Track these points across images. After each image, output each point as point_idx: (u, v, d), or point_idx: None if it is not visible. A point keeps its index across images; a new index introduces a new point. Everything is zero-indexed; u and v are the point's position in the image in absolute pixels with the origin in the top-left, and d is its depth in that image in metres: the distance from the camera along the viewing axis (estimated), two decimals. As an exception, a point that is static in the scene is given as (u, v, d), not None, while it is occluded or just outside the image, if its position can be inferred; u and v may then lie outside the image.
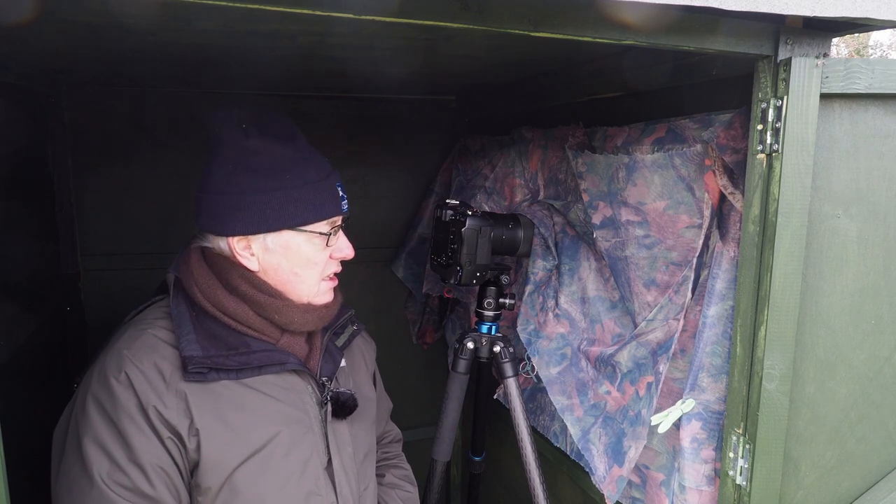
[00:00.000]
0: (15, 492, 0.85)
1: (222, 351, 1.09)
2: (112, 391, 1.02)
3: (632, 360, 1.43)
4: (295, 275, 1.16)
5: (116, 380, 1.02)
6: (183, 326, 1.09)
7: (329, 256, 1.20)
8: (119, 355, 1.05)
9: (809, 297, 1.11)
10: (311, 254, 1.16)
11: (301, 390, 1.17)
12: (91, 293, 2.11)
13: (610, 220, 1.46)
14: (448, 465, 1.92)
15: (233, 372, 1.09)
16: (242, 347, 1.12)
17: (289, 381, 1.15)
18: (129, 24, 1.17)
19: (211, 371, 1.07)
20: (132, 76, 1.92)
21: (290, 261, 1.15)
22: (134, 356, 1.05)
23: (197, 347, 1.07)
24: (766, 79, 1.04)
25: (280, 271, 1.15)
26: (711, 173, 1.20)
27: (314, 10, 0.80)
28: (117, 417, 1.01)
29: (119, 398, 1.02)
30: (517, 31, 0.89)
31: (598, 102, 1.62)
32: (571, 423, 1.57)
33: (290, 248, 1.14)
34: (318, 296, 1.20)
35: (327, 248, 1.18)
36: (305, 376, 1.18)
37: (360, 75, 1.83)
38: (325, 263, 1.20)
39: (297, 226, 1.13)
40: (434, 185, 2.45)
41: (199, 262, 1.15)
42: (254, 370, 1.11)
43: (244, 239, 1.13)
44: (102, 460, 1.00)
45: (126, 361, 1.04)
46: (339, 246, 1.21)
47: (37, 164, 1.84)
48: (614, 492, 1.42)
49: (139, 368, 1.04)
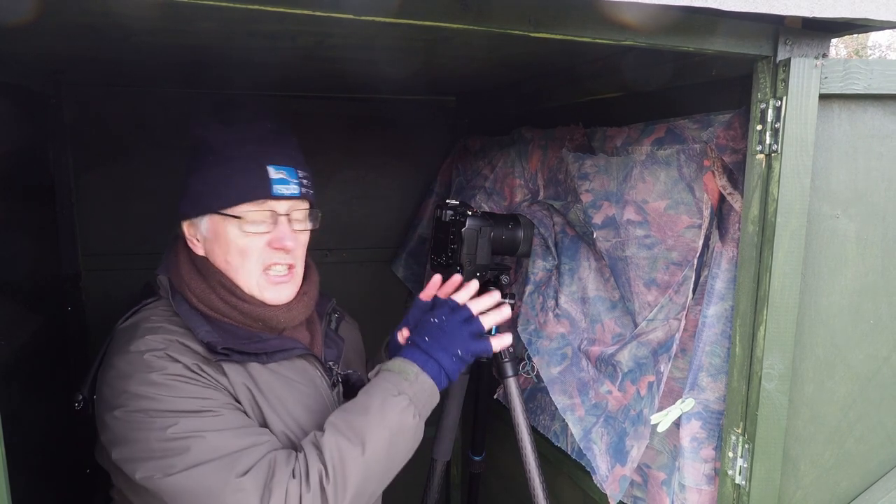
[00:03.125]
0: (15, 492, 0.85)
1: (238, 341, 1.11)
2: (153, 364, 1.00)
3: (632, 359, 1.43)
4: (227, 263, 1.12)
5: (159, 358, 1.01)
6: (194, 320, 1.09)
7: (267, 245, 1.13)
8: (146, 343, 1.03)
9: (808, 297, 1.11)
10: (238, 241, 1.10)
11: (312, 374, 1.20)
12: (91, 293, 2.11)
13: (611, 220, 1.46)
14: (448, 464, 1.93)
15: (253, 356, 1.10)
16: (254, 338, 1.13)
17: (299, 366, 1.18)
18: (129, 25, 1.17)
19: (235, 353, 1.08)
20: (132, 76, 1.92)
21: (221, 248, 1.12)
22: (163, 339, 1.04)
23: (215, 335, 1.08)
24: (765, 79, 1.05)
25: (217, 259, 1.13)
26: (711, 174, 1.21)
27: (314, 10, 0.80)
28: (171, 381, 0.99)
29: (172, 367, 1.00)
30: (517, 31, 0.89)
31: (598, 103, 1.62)
32: (573, 423, 1.57)
33: (219, 234, 1.11)
34: (262, 291, 1.14)
35: (254, 235, 1.11)
36: (313, 361, 1.21)
37: (359, 76, 1.84)
38: (261, 253, 1.12)
39: (219, 209, 1.10)
40: (434, 186, 2.45)
41: (187, 262, 1.15)
42: (270, 355, 1.13)
43: (191, 224, 1.14)
44: (191, 420, 0.97)
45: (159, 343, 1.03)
46: (274, 234, 1.12)
47: (37, 164, 1.84)
48: (617, 491, 1.43)
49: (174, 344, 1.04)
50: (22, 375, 1.50)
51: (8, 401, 1.27)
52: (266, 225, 1.12)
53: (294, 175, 1.14)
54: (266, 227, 1.12)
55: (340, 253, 2.42)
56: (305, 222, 1.18)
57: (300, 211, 1.17)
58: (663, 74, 1.32)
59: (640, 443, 1.38)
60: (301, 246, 1.18)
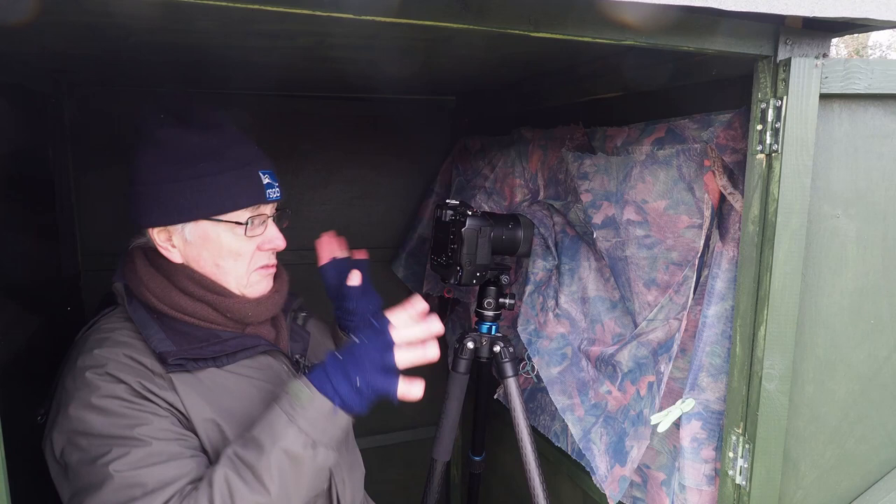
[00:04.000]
0: (15, 492, 0.85)
1: (194, 344, 1.10)
2: (96, 386, 1.00)
3: (632, 359, 1.43)
4: (217, 266, 1.13)
5: (100, 377, 1.00)
6: (148, 328, 1.08)
7: (257, 247, 1.16)
8: (92, 356, 1.03)
9: (809, 297, 1.11)
10: (233, 245, 1.12)
11: (277, 370, 1.20)
12: (91, 293, 2.10)
13: (611, 220, 1.46)
14: (448, 464, 1.93)
15: (210, 360, 1.10)
16: (213, 339, 1.13)
17: (263, 362, 1.18)
18: (129, 24, 1.17)
19: (189, 361, 1.07)
20: (132, 76, 1.92)
21: (210, 252, 1.12)
22: (108, 353, 1.03)
23: (169, 343, 1.06)
24: (765, 79, 1.04)
25: (203, 263, 1.13)
26: (711, 174, 1.20)
27: (314, 10, 0.80)
28: (111, 406, 0.99)
29: (107, 388, 1.00)
30: (517, 31, 0.89)
31: (598, 102, 1.62)
32: (572, 423, 1.57)
33: (209, 240, 1.12)
34: (249, 287, 1.16)
35: (251, 238, 1.14)
36: (278, 356, 1.21)
37: (359, 75, 1.84)
38: (253, 255, 1.15)
39: (213, 215, 1.10)
40: (434, 186, 2.45)
41: (144, 266, 1.15)
42: (229, 356, 1.12)
43: (164, 230, 1.12)
44: (112, 449, 0.97)
45: (102, 359, 1.02)
46: (267, 236, 1.16)
47: (37, 164, 1.84)
48: (616, 491, 1.43)
49: (118, 361, 1.02)
50: (21, 375, 1.50)
51: (7, 401, 1.27)
52: (261, 228, 1.15)
53: (275, 178, 1.17)
54: (261, 230, 1.16)
55: (340, 253, 2.43)
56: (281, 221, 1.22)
57: (277, 211, 1.21)
58: (663, 74, 1.32)
59: (641, 443, 1.38)
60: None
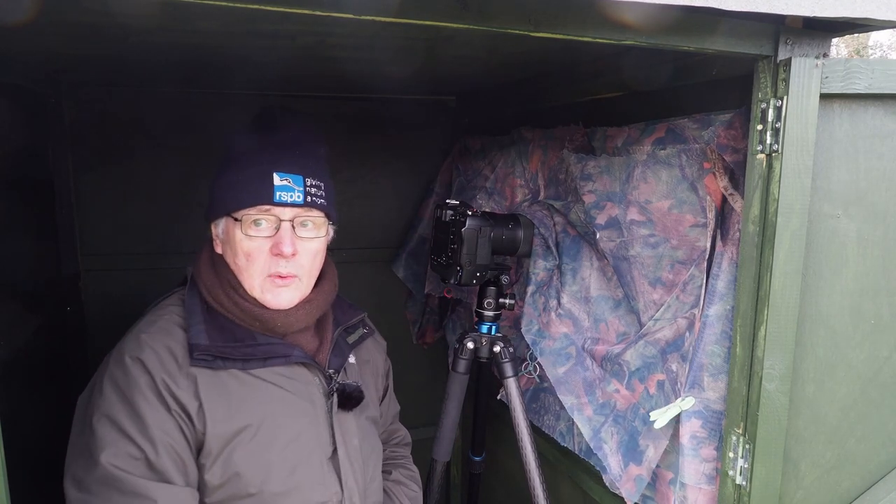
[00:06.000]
0: (15, 492, 0.85)
1: (229, 342, 1.14)
2: (127, 371, 1.08)
3: (640, 358, 1.42)
4: (236, 265, 1.18)
5: (132, 360, 1.09)
6: (193, 316, 1.16)
7: (270, 252, 1.15)
8: (137, 338, 1.12)
9: (809, 297, 1.11)
10: (243, 243, 1.14)
11: (308, 381, 1.20)
12: (91, 293, 2.11)
13: (615, 221, 1.46)
14: (448, 465, 1.92)
15: (238, 362, 1.14)
16: (249, 340, 1.16)
17: (296, 372, 1.19)
18: (129, 24, 1.17)
19: (216, 359, 1.12)
20: (132, 76, 1.92)
21: (232, 249, 1.17)
22: (150, 339, 1.11)
23: (204, 336, 1.13)
24: (765, 79, 1.04)
25: (229, 259, 1.19)
26: (712, 175, 1.20)
27: (314, 10, 0.80)
28: (130, 394, 1.06)
29: (133, 377, 1.07)
30: (517, 31, 0.89)
31: (598, 102, 1.62)
32: (582, 423, 1.56)
33: (230, 237, 1.18)
34: (262, 293, 1.16)
35: (252, 238, 1.14)
36: (313, 368, 1.21)
37: (360, 75, 1.83)
38: (267, 259, 1.15)
39: (228, 212, 1.16)
40: (434, 186, 2.45)
41: (207, 262, 1.22)
42: (259, 361, 1.16)
43: (214, 224, 1.21)
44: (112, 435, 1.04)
45: (143, 344, 1.10)
46: (273, 239, 1.14)
47: (37, 164, 1.84)
48: (633, 491, 1.41)
49: (154, 350, 1.10)
50: (21, 375, 1.50)
51: (7, 401, 1.27)
52: (269, 230, 1.15)
53: (300, 183, 1.15)
54: (268, 232, 1.15)
55: (340, 253, 2.42)
56: (314, 231, 1.19)
57: (308, 219, 1.18)
58: (664, 74, 1.32)
59: (659, 443, 1.37)
60: (306, 254, 1.18)
